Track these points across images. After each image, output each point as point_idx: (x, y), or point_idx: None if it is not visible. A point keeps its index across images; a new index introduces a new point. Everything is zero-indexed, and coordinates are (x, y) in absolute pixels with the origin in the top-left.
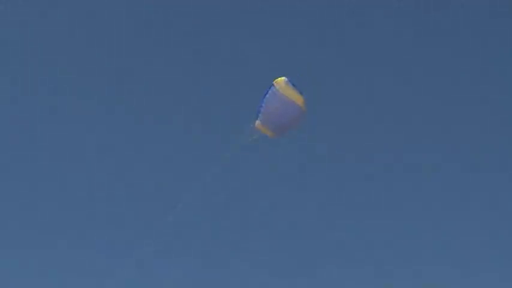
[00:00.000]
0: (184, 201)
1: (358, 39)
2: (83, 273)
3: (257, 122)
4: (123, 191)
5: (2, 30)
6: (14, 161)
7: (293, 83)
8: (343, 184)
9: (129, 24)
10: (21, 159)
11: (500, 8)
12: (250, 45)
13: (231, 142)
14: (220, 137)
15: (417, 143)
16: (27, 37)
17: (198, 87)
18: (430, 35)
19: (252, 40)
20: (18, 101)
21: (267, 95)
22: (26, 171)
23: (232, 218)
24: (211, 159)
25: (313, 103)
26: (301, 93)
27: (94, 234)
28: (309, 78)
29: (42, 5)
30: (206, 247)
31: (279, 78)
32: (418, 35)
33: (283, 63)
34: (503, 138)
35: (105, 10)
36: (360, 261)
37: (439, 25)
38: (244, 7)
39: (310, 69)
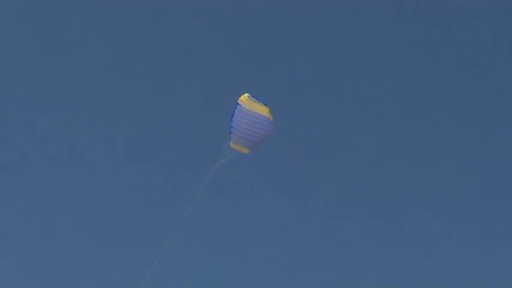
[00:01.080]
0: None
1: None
2: None
3: (231, 142)
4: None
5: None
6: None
7: (255, 97)
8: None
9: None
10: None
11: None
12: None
13: (209, 164)
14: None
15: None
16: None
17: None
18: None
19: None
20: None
21: (234, 114)
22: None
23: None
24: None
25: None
26: (265, 104)
27: None
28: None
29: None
30: None
31: (242, 96)
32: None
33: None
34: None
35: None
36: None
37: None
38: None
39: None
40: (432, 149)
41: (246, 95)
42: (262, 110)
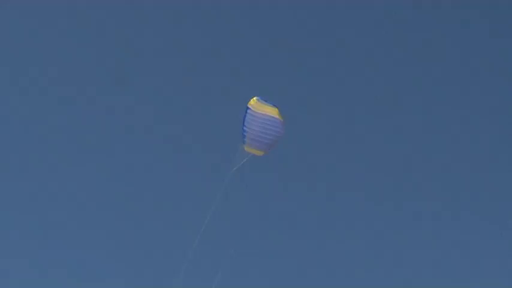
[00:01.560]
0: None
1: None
2: None
3: (245, 146)
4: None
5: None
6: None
7: (264, 99)
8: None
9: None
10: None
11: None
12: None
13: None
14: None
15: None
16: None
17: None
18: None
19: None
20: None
21: (246, 118)
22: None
23: None
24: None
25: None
26: (274, 106)
27: None
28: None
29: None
30: None
31: (251, 100)
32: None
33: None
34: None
35: None
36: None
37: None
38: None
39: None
40: (432, 149)
41: (255, 98)
42: (272, 112)
